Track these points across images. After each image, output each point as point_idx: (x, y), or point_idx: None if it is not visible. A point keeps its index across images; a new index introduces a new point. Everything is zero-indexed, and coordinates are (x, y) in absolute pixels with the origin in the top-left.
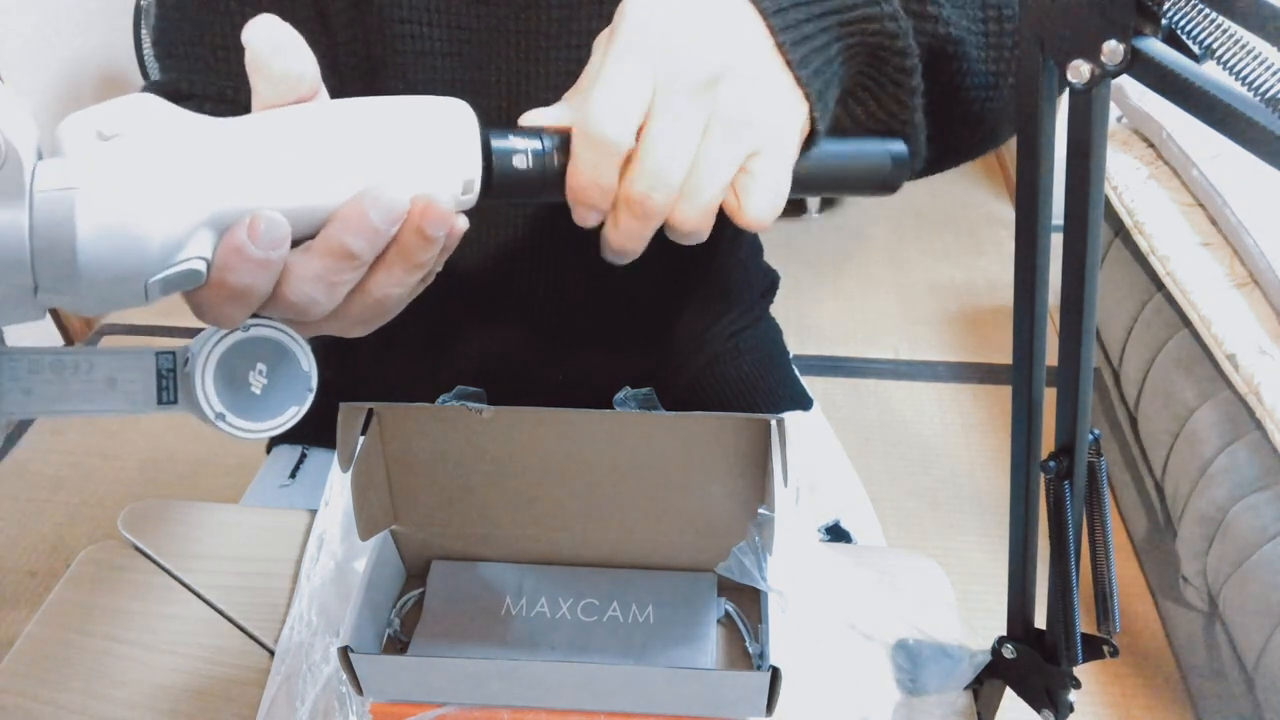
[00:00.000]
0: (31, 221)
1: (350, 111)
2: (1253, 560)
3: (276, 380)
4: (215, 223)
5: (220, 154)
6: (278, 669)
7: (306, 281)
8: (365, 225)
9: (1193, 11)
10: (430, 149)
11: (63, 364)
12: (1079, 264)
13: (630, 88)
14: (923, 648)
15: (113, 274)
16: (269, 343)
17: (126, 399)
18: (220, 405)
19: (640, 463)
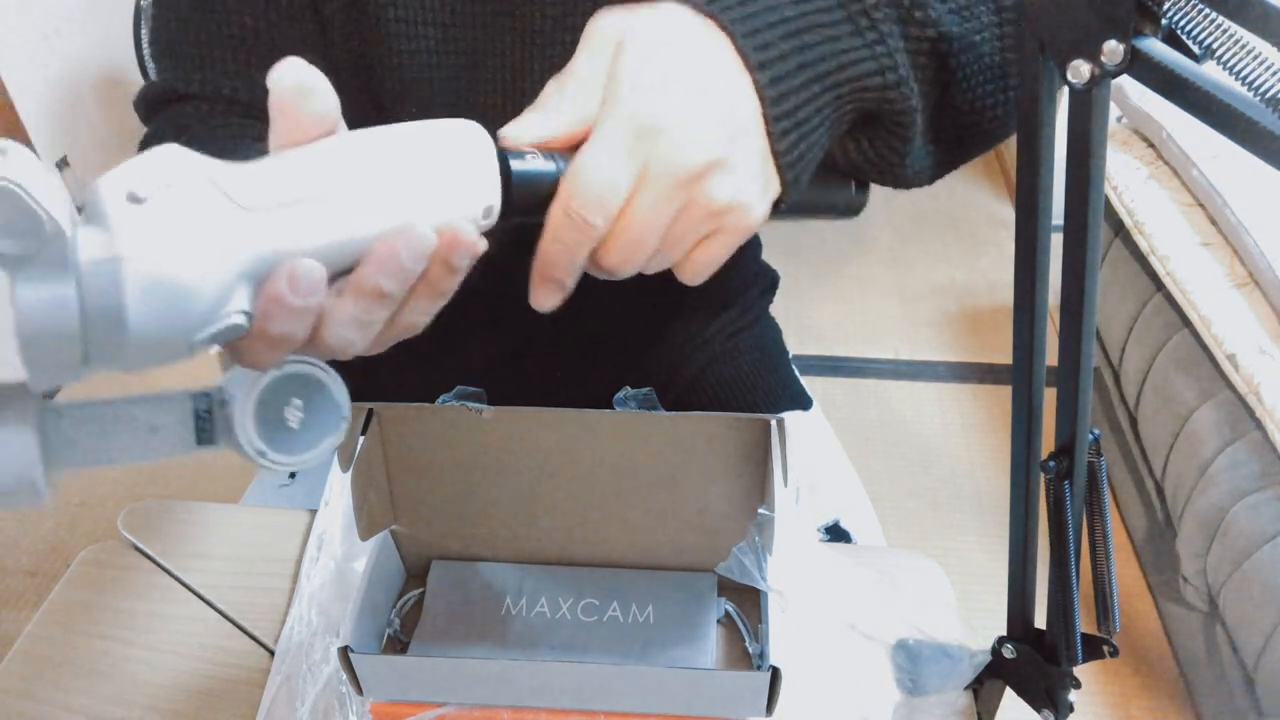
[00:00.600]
0: (80, 295)
1: (371, 147)
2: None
3: (312, 413)
4: (253, 274)
5: (253, 205)
6: (278, 669)
7: (342, 324)
8: (397, 266)
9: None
10: (453, 180)
11: (104, 416)
12: (1079, 264)
13: (616, 179)
14: (923, 648)
15: (161, 337)
16: (302, 377)
17: (168, 444)
18: (261, 443)
19: (640, 463)
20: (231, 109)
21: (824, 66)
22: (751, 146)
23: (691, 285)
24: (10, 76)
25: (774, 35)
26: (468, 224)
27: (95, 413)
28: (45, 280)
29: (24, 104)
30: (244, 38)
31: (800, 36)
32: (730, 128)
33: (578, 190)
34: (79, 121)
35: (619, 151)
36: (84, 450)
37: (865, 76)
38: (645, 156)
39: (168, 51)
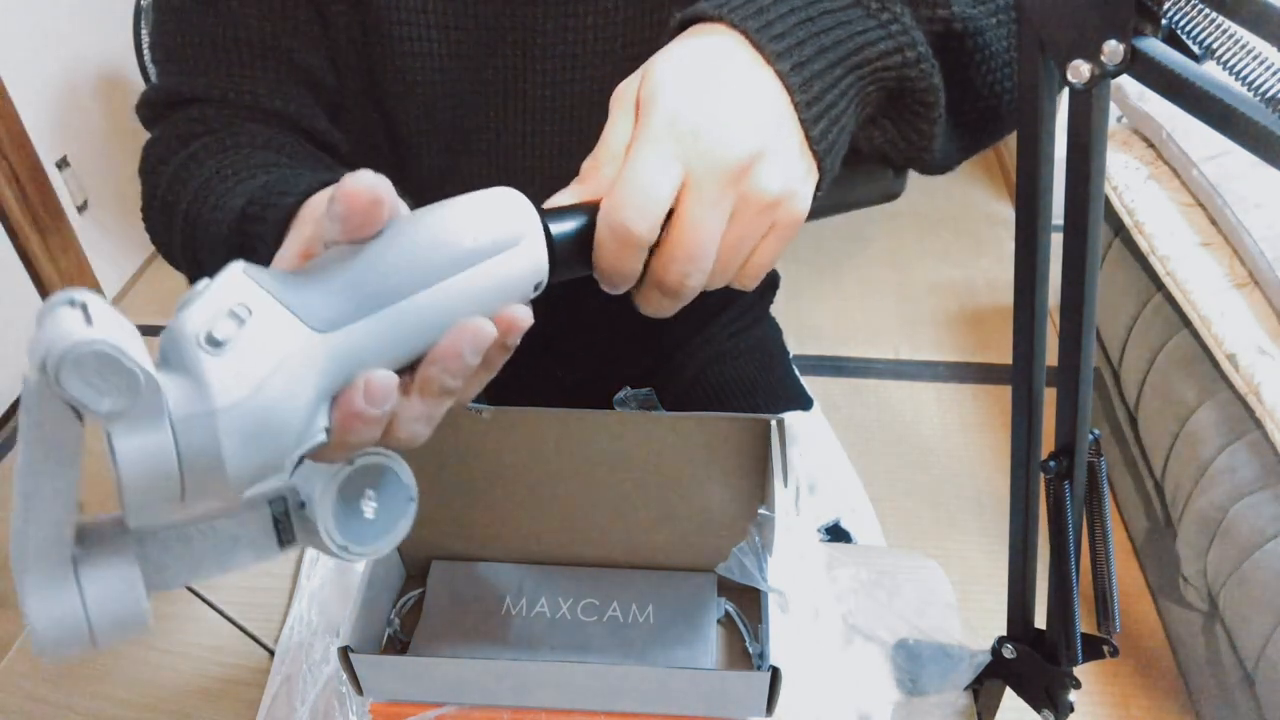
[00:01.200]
0: (178, 446)
1: (430, 249)
2: (1253, 560)
3: (385, 500)
4: (331, 391)
5: (325, 326)
6: (278, 669)
7: (412, 421)
8: (460, 365)
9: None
10: (511, 273)
11: (189, 534)
12: (1079, 264)
13: (658, 181)
14: (923, 648)
15: (255, 471)
16: (376, 469)
17: (252, 551)
18: (343, 539)
19: (640, 463)
20: (238, 113)
21: (842, 50)
22: (788, 134)
23: (748, 291)
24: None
25: (786, 25)
26: (522, 309)
27: (180, 533)
28: (142, 431)
29: (24, 104)
30: (249, 39)
31: (813, 23)
32: (765, 118)
33: (617, 198)
34: (79, 121)
35: (657, 156)
36: (174, 572)
37: (884, 55)
38: (686, 159)
39: (171, 54)
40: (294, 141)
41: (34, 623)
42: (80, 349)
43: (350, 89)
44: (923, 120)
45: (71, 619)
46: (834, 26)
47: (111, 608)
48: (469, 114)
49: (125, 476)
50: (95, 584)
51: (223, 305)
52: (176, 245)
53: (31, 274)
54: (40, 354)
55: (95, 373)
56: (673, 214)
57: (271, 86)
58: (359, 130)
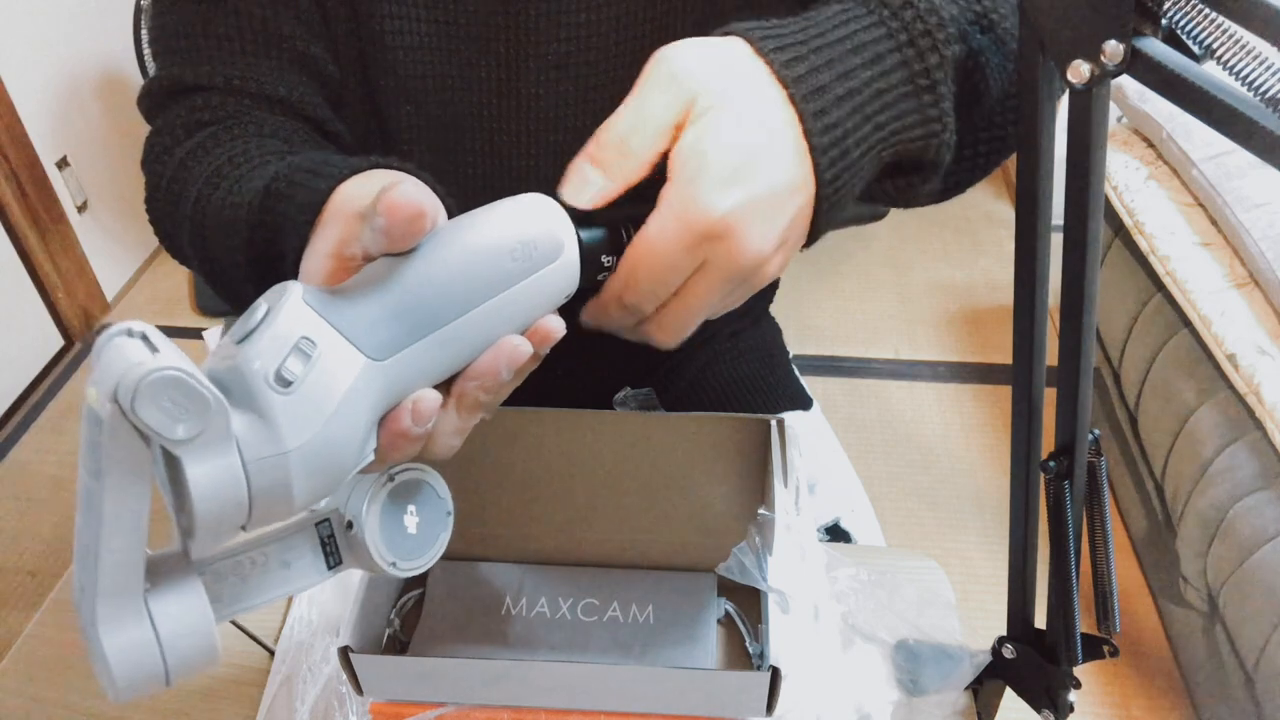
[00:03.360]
0: (249, 480)
1: (475, 269)
2: (1253, 560)
3: (425, 513)
4: (382, 414)
5: (381, 354)
6: (278, 669)
7: (448, 435)
8: (498, 382)
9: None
10: (548, 285)
11: (242, 564)
12: (1079, 264)
13: (679, 269)
14: (923, 648)
15: (315, 499)
16: (415, 484)
17: (301, 575)
18: (391, 555)
19: (640, 463)
20: (242, 100)
21: (878, 135)
22: (802, 222)
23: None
24: (10, 76)
25: (841, 113)
26: (555, 319)
27: (235, 563)
28: (212, 458)
29: (24, 104)
30: (251, 27)
31: (864, 109)
32: (790, 210)
33: (636, 282)
34: (79, 121)
35: (679, 250)
36: (229, 601)
37: (912, 139)
38: (707, 254)
39: (172, 44)
40: (302, 130)
41: (109, 657)
42: (155, 375)
43: (349, 80)
44: (920, 181)
45: (147, 654)
46: (879, 111)
47: (185, 641)
48: (461, 112)
49: (198, 503)
50: (168, 617)
51: (287, 340)
52: (184, 235)
53: (31, 274)
54: (111, 384)
55: (169, 398)
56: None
57: (274, 74)
58: (354, 126)
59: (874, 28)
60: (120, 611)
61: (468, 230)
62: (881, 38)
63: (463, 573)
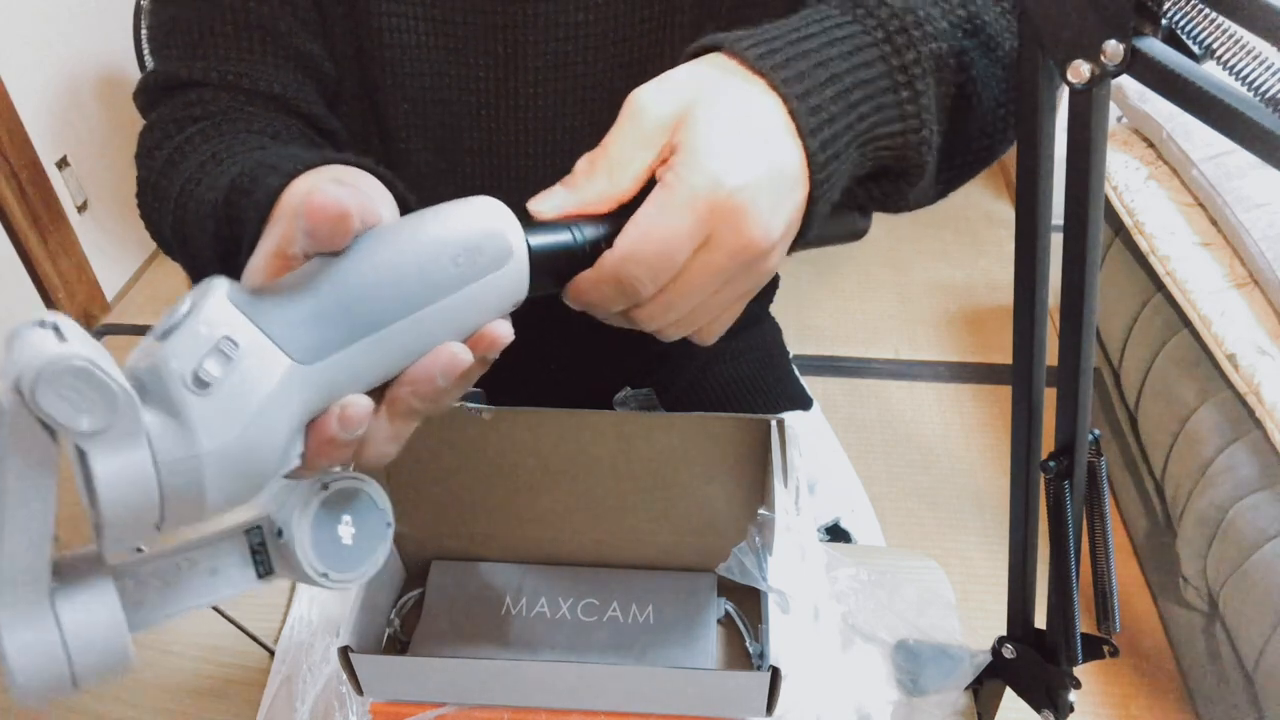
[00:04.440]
0: (161, 487)
1: (413, 273)
2: (1253, 560)
3: (363, 524)
4: (308, 419)
5: (308, 358)
6: (278, 669)
7: (381, 442)
8: (433, 389)
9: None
10: (492, 293)
11: (166, 569)
12: (1079, 264)
13: (683, 248)
14: (923, 648)
15: (231, 503)
16: (351, 493)
17: (229, 583)
18: (322, 565)
19: (640, 463)
20: (236, 96)
21: (863, 126)
22: (798, 215)
23: (707, 344)
24: (10, 76)
25: (825, 97)
26: (503, 325)
27: (157, 567)
28: (121, 454)
29: (24, 104)
30: (248, 23)
31: (847, 96)
32: (791, 202)
33: (640, 256)
34: (79, 121)
35: (687, 221)
36: (151, 608)
37: (892, 136)
38: (714, 230)
39: (168, 40)
40: (295, 126)
41: (10, 660)
42: (57, 364)
43: (346, 79)
44: (906, 184)
45: (50, 654)
46: (862, 101)
47: (93, 645)
48: (459, 111)
49: (104, 500)
50: (75, 619)
51: (207, 340)
52: (167, 228)
53: (31, 274)
54: (14, 373)
55: (72, 388)
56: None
57: (270, 71)
58: (352, 124)
59: (849, 24)
60: (23, 608)
61: (407, 232)
62: (858, 33)
63: (463, 573)
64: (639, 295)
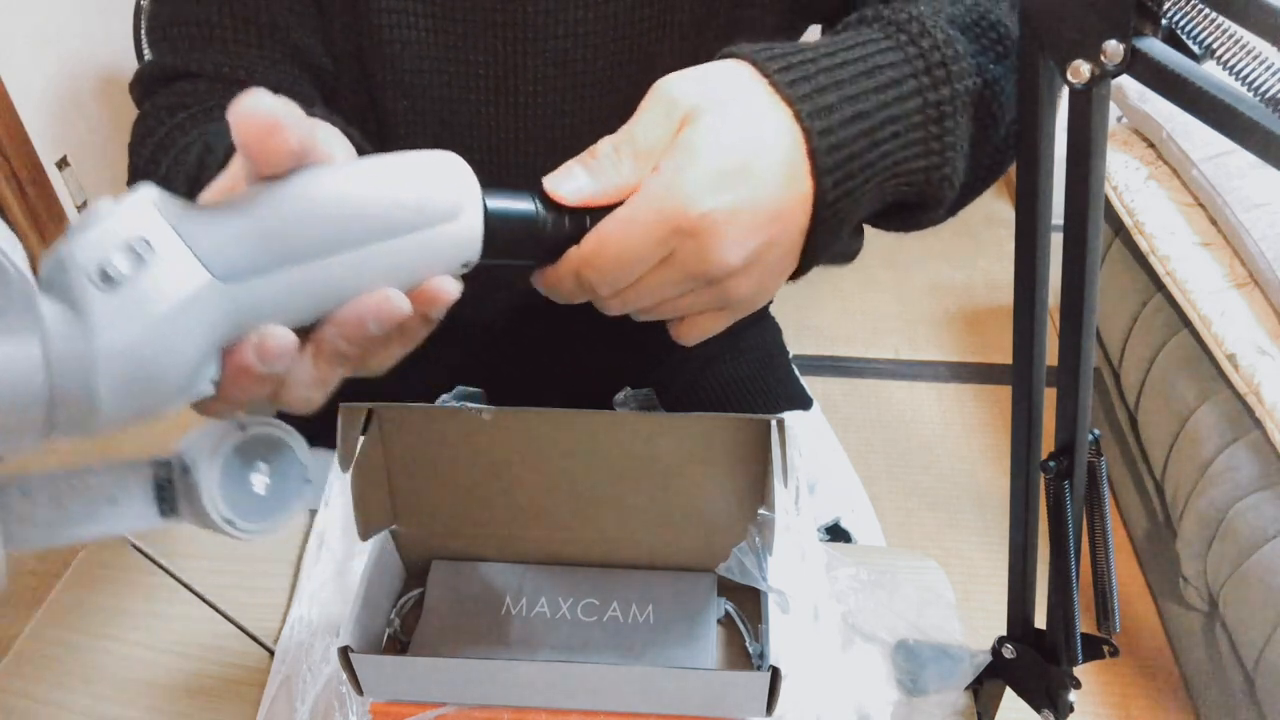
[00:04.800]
0: (51, 383)
1: (354, 205)
2: (1253, 560)
3: (277, 476)
4: (224, 342)
5: (230, 275)
6: (278, 669)
7: (305, 385)
8: (362, 335)
9: (1193, 11)
10: (438, 246)
11: (59, 488)
12: (1079, 264)
13: (644, 259)
14: (923, 648)
15: (130, 416)
16: (269, 440)
17: (128, 516)
18: (229, 511)
19: (640, 463)
20: (230, 89)
21: (885, 164)
22: (787, 243)
23: (685, 345)
24: (10, 76)
25: (848, 134)
26: (450, 283)
27: (49, 485)
28: (11, 339)
29: (24, 104)
30: (245, 16)
31: (874, 134)
32: (771, 232)
33: (595, 262)
34: (79, 121)
35: (649, 240)
36: (39, 527)
37: (914, 171)
38: (675, 248)
39: (166, 32)
40: None
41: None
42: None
43: (345, 74)
44: (921, 215)
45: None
46: (887, 139)
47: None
48: (458, 108)
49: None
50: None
51: (122, 237)
52: None
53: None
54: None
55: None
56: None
57: (266, 64)
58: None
59: (890, 52)
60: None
61: (355, 167)
62: (899, 61)
63: (463, 573)
64: (596, 295)
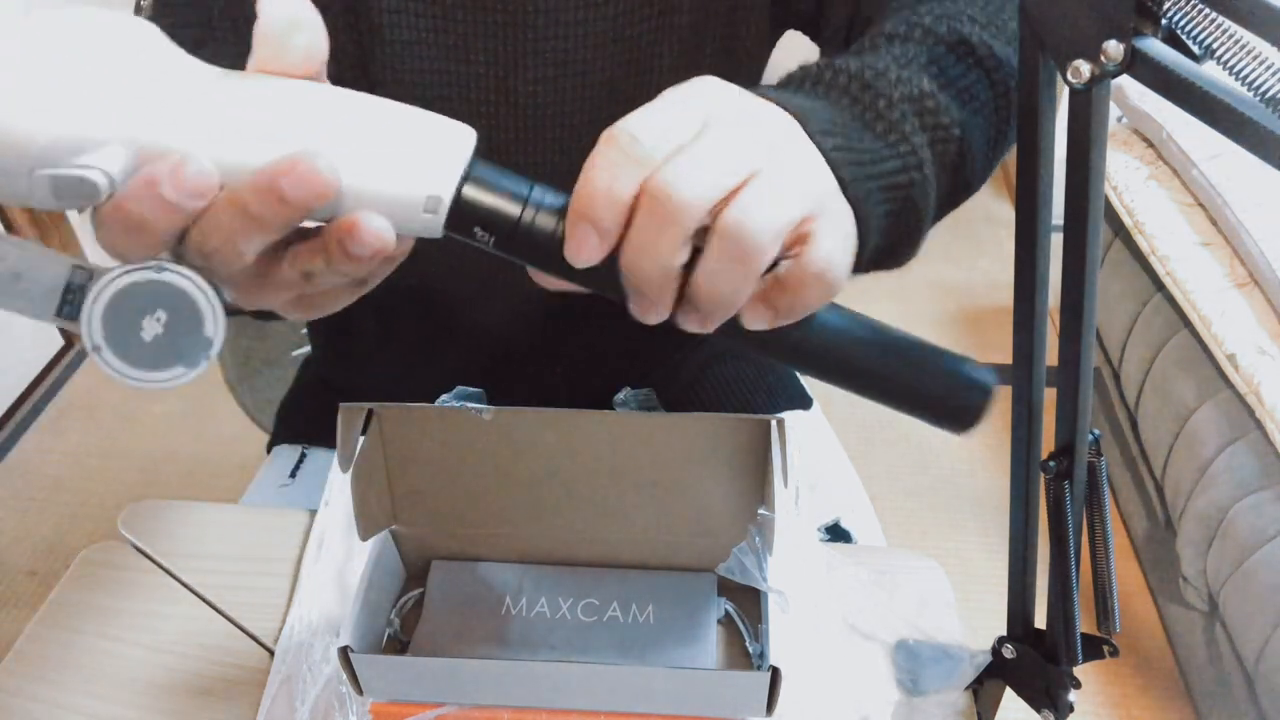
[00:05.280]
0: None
1: (337, 97)
2: (1253, 560)
3: (174, 334)
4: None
5: (194, 94)
6: (278, 669)
7: (209, 234)
8: (275, 195)
9: (1193, 11)
10: (403, 152)
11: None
12: (1079, 264)
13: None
14: (923, 648)
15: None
16: (180, 294)
17: (26, 299)
18: (100, 337)
19: (640, 463)
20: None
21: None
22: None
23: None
24: None
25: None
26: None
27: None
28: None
29: None
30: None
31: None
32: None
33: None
34: None
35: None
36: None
37: (893, 173)
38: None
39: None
40: None
41: None
42: None
43: (345, 75)
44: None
45: None
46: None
47: None
48: (459, 109)
49: None
50: None
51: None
52: None
53: None
54: None
55: None
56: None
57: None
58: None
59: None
60: None
61: (358, 99)
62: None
63: (463, 573)
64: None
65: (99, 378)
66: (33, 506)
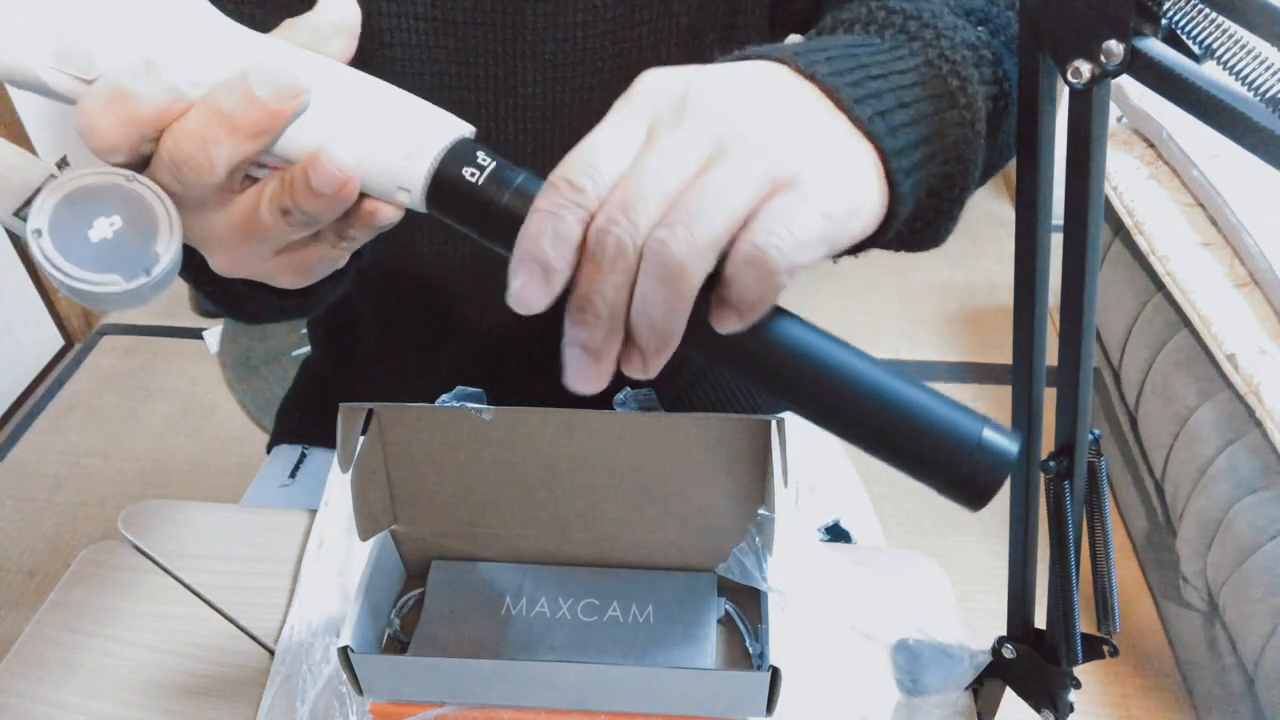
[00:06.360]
0: None
1: (343, 69)
2: (1253, 560)
3: (123, 242)
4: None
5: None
6: (278, 669)
7: (182, 140)
8: (245, 94)
9: (1193, 11)
10: (392, 119)
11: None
12: (1079, 264)
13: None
14: (923, 648)
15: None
16: (143, 205)
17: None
18: (44, 223)
19: (640, 463)
20: None
21: (928, 132)
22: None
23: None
24: None
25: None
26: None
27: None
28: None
29: (24, 104)
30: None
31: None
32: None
33: (571, 157)
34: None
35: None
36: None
37: (958, 142)
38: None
39: None
40: None
41: None
42: None
43: None
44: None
45: None
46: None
47: None
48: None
49: None
50: None
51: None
52: None
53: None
54: None
55: None
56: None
57: None
58: None
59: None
60: None
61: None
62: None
63: (463, 573)
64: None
65: (99, 378)
66: (33, 506)
